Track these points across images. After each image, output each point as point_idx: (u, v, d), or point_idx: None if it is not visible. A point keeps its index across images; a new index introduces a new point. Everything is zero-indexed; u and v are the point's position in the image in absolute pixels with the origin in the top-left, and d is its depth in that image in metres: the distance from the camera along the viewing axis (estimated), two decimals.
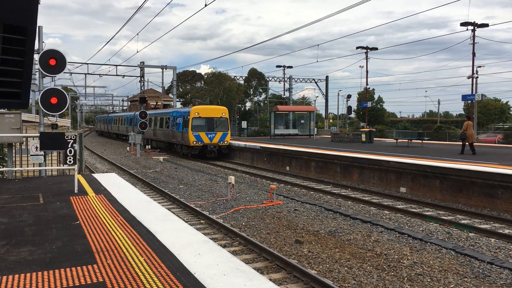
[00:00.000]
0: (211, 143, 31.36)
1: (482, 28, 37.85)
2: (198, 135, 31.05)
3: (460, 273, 8.35)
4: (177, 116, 33.55)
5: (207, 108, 33.07)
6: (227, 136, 32.22)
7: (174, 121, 34.14)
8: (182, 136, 32.24)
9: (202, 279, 5.09)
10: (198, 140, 30.98)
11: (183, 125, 32.02)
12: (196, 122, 31.20)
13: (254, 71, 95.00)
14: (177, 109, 36.59)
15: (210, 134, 31.37)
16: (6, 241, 6.73)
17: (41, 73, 14.36)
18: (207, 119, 31.59)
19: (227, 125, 32.43)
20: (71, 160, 11.40)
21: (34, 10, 2.89)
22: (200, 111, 31.71)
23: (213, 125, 31.61)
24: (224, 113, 32.31)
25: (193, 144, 30.84)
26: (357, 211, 14.11)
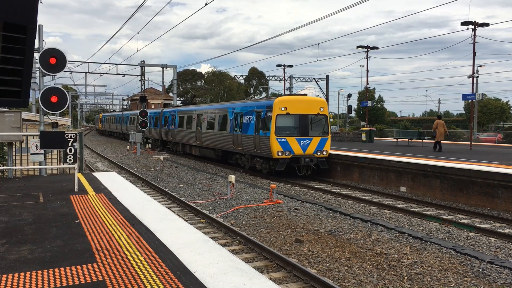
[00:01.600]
0: (304, 154, 20.67)
1: (482, 27, 37.80)
2: (286, 142, 20.39)
3: (460, 273, 8.35)
4: (245, 113, 23.21)
5: (298, 101, 21.48)
6: (327, 143, 21.37)
7: (237, 120, 23.99)
8: (257, 142, 21.55)
9: (202, 278, 5.09)
10: (286, 149, 20.35)
11: (259, 126, 21.59)
12: (282, 122, 20.75)
13: (255, 70, 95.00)
14: (243, 102, 26.79)
15: (304, 140, 20.81)
16: (6, 239, 6.73)
17: (41, 71, 14.36)
18: (299, 117, 20.99)
19: (327, 126, 21.81)
20: (71, 159, 11.41)
21: (34, 9, 2.88)
22: (288, 105, 20.80)
23: (307, 126, 21.03)
24: (322, 108, 21.59)
25: (278, 155, 20.22)
26: (357, 210, 14.10)
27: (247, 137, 22.60)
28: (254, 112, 22.31)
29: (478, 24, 37.66)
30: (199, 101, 73.03)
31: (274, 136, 20.35)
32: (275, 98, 21.40)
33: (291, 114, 20.89)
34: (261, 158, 21.96)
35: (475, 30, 37.84)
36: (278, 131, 20.44)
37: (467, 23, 36.99)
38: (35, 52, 13.83)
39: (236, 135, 23.97)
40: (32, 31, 3.07)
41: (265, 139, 20.85)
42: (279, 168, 20.31)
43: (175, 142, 35.57)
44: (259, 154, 21.74)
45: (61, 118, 24.77)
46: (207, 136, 28.06)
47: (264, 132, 20.99)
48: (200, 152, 30.20)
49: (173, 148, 36.62)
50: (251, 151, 22.38)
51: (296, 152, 20.55)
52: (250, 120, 22.58)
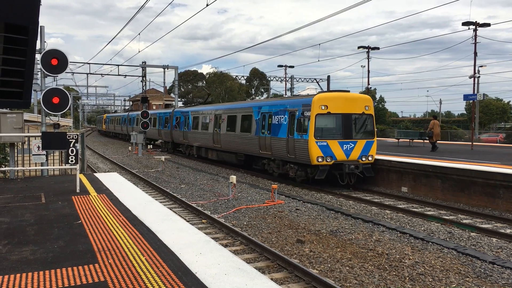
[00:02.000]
0: (347, 159, 18.01)
1: (484, 27, 37.78)
2: (327, 146, 17.74)
3: (461, 273, 8.34)
4: (275, 112, 20.49)
5: (341, 98, 18.61)
6: (373, 147, 18.71)
7: (264, 121, 21.37)
8: (290, 146, 18.88)
9: (203, 279, 5.09)
10: (327, 154, 17.67)
11: (293, 128, 18.92)
12: (323, 123, 18.09)
13: (256, 70, 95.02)
14: (271, 100, 23.17)
15: (347, 143, 18.11)
16: (8, 240, 6.74)
17: (43, 72, 14.38)
18: (342, 117, 18.27)
19: (373, 127, 19.12)
20: (73, 160, 11.43)
21: (36, 10, 2.89)
22: (330, 103, 18.07)
23: (350, 128, 18.34)
24: (367, 106, 18.88)
25: (317, 162, 17.55)
26: (359, 210, 14.10)
27: (278, 140, 19.85)
28: (286, 111, 19.51)
29: (480, 24, 37.64)
30: (200, 101, 72.91)
31: (313, 139, 17.61)
32: (313, 95, 18.40)
33: (333, 113, 18.10)
34: (295, 165, 19.12)
35: (476, 30, 37.81)
36: (317, 133, 17.78)
37: (469, 23, 36.97)
38: (37, 53, 13.86)
39: (263, 138, 21.21)
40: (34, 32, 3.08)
41: (302, 143, 18.14)
42: (319, 176, 17.57)
43: (188, 145, 32.70)
44: (292, 160, 18.99)
45: (63, 119, 24.80)
46: (227, 138, 25.27)
47: (300, 134, 18.24)
48: (218, 156, 27.21)
49: (186, 152, 33.64)
50: (283, 156, 19.67)
51: (338, 157, 17.85)
52: (281, 120, 19.81)
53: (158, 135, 40.76)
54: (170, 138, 36.85)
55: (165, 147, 39.25)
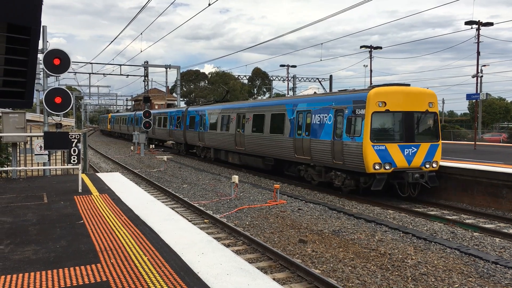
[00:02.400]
0: (409, 166, 15.26)
1: (486, 27, 37.72)
2: (385, 151, 14.98)
3: (464, 273, 8.32)
4: (315, 111, 17.73)
5: (401, 93, 15.66)
6: (438, 152, 15.98)
7: (301, 120, 18.64)
8: (337, 151, 16.16)
9: (205, 279, 5.09)
10: (386, 160, 14.94)
11: (341, 128, 16.09)
12: (380, 122, 15.42)
13: (258, 70, 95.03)
14: (309, 97, 20.61)
15: (408, 147, 15.34)
16: (10, 240, 6.75)
17: (45, 72, 14.41)
18: (403, 116, 15.47)
19: (438, 128, 16.36)
20: (75, 160, 11.43)
21: (38, 10, 2.89)
22: (388, 99, 15.21)
23: (412, 129, 15.58)
24: (432, 103, 16.05)
25: (374, 169, 14.84)
26: (361, 210, 14.08)
27: (320, 143, 17.12)
28: (331, 109, 16.76)
29: (482, 23, 37.57)
30: (202, 101, 72.83)
31: (368, 142, 14.83)
32: (367, 90, 15.63)
33: (392, 111, 15.28)
34: (343, 172, 16.32)
35: (479, 30, 37.73)
36: (374, 135, 15.00)
37: (471, 23, 36.89)
38: (39, 53, 13.87)
39: (299, 140, 18.44)
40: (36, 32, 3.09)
41: (353, 147, 15.36)
42: (376, 186, 14.85)
43: (204, 147, 29.79)
44: (340, 166, 16.19)
45: (65, 119, 24.85)
46: (253, 140, 22.44)
47: (351, 136, 15.50)
48: (241, 160, 24.58)
49: (202, 154, 30.76)
50: (326, 161, 16.90)
51: (398, 164, 15.06)
52: (324, 120, 17.06)
53: (168, 135, 38.20)
54: (183, 139, 34.11)
55: (177, 149, 36.74)
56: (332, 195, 16.87)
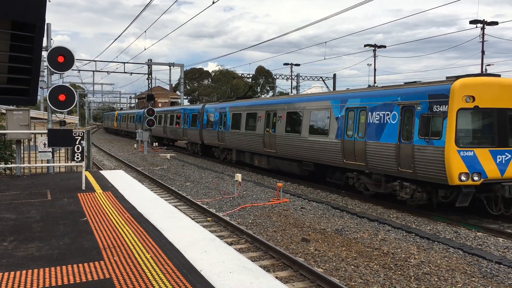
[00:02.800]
0: (502, 177, 12.46)
1: (491, 26, 37.61)
2: (474, 158, 12.24)
3: (467, 273, 8.30)
4: (373, 108, 14.93)
5: (494, 85, 12.86)
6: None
7: (352, 119, 15.80)
8: (405, 156, 13.45)
9: (208, 277, 5.10)
10: (474, 169, 12.19)
11: (411, 129, 13.44)
12: (467, 122, 12.74)
13: (262, 68, 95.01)
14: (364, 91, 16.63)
15: (501, 153, 12.59)
16: (14, 237, 6.78)
17: (49, 70, 14.44)
18: (496, 113, 12.72)
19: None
20: (79, 157, 11.46)
21: (42, 7, 2.90)
22: (478, 93, 12.46)
23: (506, 130, 12.82)
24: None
25: (460, 181, 12.05)
26: (364, 209, 14.06)
27: (379, 147, 14.29)
28: (395, 106, 13.98)
29: (487, 22, 37.45)
30: (206, 99, 72.73)
31: (453, 146, 12.09)
32: (452, 81, 12.65)
33: (483, 108, 12.44)
34: (412, 183, 13.40)
35: (483, 29, 37.62)
36: (460, 138, 12.28)
37: (476, 22, 36.77)
38: (43, 50, 13.91)
39: (350, 143, 15.50)
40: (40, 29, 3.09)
41: (430, 152, 12.62)
42: (461, 202, 12.16)
43: (225, 148, 26.96)
44: (408, 175, 13.30)
45: (69, 116, 24.92)
46: (287, 142, 19.54)
47: (427, 139, 12.69)
48: (270, 164, 21.53)
49: (221, 156, 27.85)
50: (388, 169, 14.03)
51: (489, 174, 12.19)
52: (385, 119, 14.23)
53: (182, 135, 34.89)
54: (200, 139, 30.82)
55: (192, 149, 33.44)
56: (335, 194, 16.85)
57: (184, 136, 34.79)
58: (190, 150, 33.96)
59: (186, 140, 34.93)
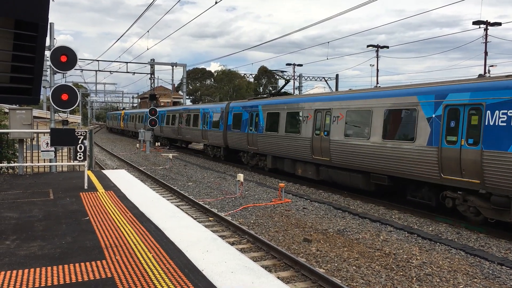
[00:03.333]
0: None
1: (494, 27, 37.52)
2: None
3: (469, 274, 8.29)
4: (496, 104, 11.13)
5: None
6: None
7: (455, 120, 12.26)
8: None
9: (210, 276, 5.10)
10: None
11: None
12: None
13: (264, 69, 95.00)
14: (477, 82, 12.07)
15: None
16: (16, 235, 6.80)
17: (52, 69, 14.47)
18: None
19: None
20: (81, 156, 11.48)
21: (46, 7, 2.90)
22: None
23: None
24: None
25: None
26: (366, 210, 14.05)
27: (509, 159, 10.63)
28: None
29: (490, 23, 37.37)
30: (208, 99, 72.66)
31: None
32: None
33: None
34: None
35: (487, 30, 37.54)
36: None
37: (479, 23, 36.69)
38: (46, 50, 13.93)
39: (454, 152, 11.88)
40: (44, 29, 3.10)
41: None
42: None
43: (256, 153, 23.13)
44: None
45: (72, 116, 24.95)
46: (348, 148, 15.93)
47: None
48: (320, 174, 17.92)
49: (252, 162, 23.88)
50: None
51: None
52: None
53: (201, 137, 30.88)
54: (223, 142, 27.01)
55: (213, 153, 29.56)
56: (337, 194, 16.83)
57: (203, 139, 30.66)
58: (210, 154, 30.03)
59: (205, 143, 30.91)
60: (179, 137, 37.26)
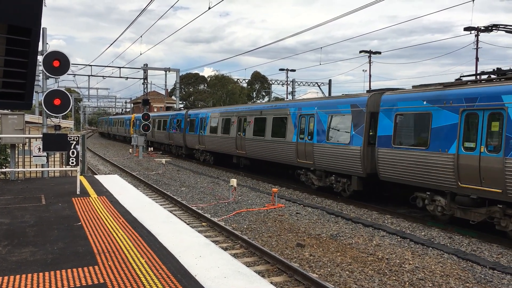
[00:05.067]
0: None
1: (485, 33, 37.88)
2: None
3: (462, 278, 8.33)
4: None
5: None
6: None
7: None
8: None
9: (203, 282, 5.09)
10: None
11: None
12: None
13: (257, 74, 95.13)
14: None
15: None
16: (7, 241, 6.74)
17: (44, 74, 14.41)
18: None
19: None
20: (74, 162, 11.43)
21: (38, 12, 2.90)
22: None
23: None
24: None
25: None
26: (359, 215, 14.08)
27: None
28: None
29: (481, 29, 37.70)
30: (202, 104, 72.61)
31: None
32: None
33: None
34: None
35: (478, 36, 37.86)
36: None
37: (470, 29, 36.99)
38: (39, 55, 13.89)
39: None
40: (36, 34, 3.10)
41: None
42: None
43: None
44: None
45: (64, 121, 24.84)
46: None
47: None
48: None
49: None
50: None
51: None
52: None
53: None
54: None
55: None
56: (330, 199, 16.85)
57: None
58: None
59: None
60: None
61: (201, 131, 28.69)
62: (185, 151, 32.62)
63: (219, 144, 25.99)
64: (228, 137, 24.53)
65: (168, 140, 36.36)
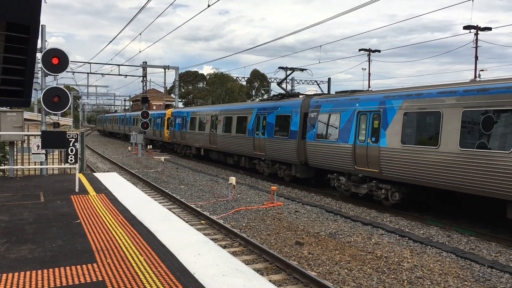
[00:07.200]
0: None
1: (485, 31, 37.89)
2: None
3: (460, 277, 8.34)
4: None
5: None
6: None
7: None
8: None
9: (201, 279, 5.09)
10: None
11: None
12: None
13: (257, 72, 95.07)
14: None
15: None
16: (6, 239, 6.74)
17: (43, 71, 14.39)
18: None
19: None
20: (73, 159, 11.42)
21: (37, 9, 2.90)
22: None
23: None
24: None
25: None
26: (358, 213, 14.09)
27: None
28: None
29: (480, 28, 37.72)
30: (201, 102, 72.56)
31: None
32: None
33: None
34: None
35: (477, 34, 37.88)
36: None
37: (470, 28, 37.03)
38: (38, 52, 13.86)
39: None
40: (35, 31, 3.09)
41: None
42: None
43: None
44: None
45: (63, 118, 24.80)
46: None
47: None
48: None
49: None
50: None
51: None
52: None
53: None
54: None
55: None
56: (329, 197, 16.87)
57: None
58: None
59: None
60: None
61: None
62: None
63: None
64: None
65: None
